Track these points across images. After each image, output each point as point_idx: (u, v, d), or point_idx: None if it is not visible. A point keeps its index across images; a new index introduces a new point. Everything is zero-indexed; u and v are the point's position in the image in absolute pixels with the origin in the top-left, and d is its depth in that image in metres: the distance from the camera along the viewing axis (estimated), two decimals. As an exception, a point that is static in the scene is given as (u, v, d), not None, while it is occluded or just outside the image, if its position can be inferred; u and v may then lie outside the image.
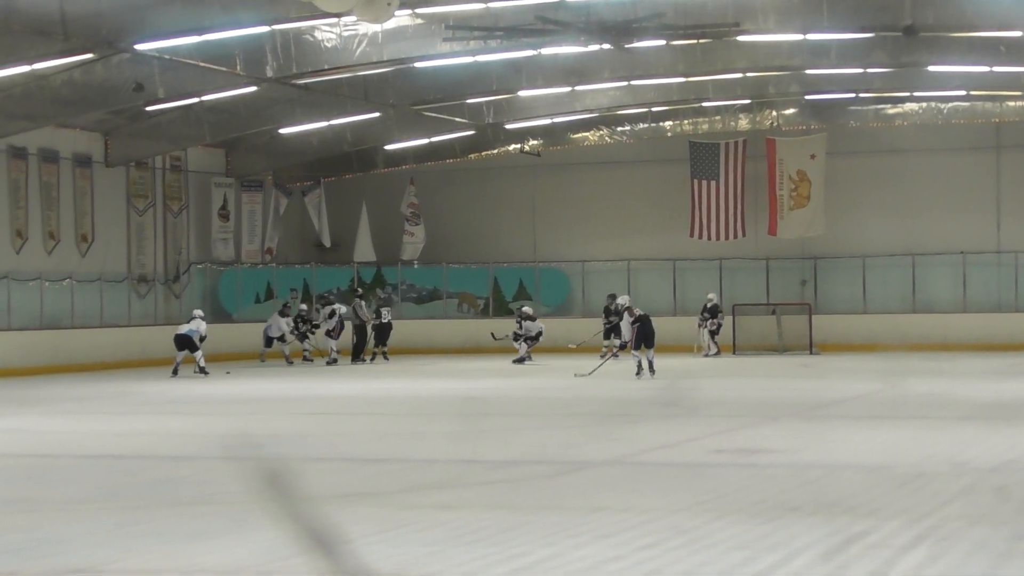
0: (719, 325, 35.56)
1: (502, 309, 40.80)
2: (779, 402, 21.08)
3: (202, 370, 29.07)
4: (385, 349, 35.23)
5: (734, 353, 35.64)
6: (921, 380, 25.33)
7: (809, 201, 39.31)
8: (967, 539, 8.79)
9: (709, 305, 35.91)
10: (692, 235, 39.66)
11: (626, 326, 26.54)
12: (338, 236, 42.04)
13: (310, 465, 13.23)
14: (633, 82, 34.43)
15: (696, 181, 39.63)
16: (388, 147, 40.60)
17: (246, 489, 11.82)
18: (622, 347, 26.73)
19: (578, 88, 34.91)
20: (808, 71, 33.81)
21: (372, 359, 34.66)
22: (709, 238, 39.56)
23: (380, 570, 7.96)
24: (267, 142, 38.98)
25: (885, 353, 34.04)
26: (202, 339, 29.28)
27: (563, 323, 38.80)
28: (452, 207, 42.70)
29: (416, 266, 42.04)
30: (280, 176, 41.17)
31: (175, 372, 28.83)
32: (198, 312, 30.21)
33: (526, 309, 34.28)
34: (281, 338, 33.95)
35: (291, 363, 33.52)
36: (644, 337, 26.23)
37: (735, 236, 39.42)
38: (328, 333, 34.12)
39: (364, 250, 41.83)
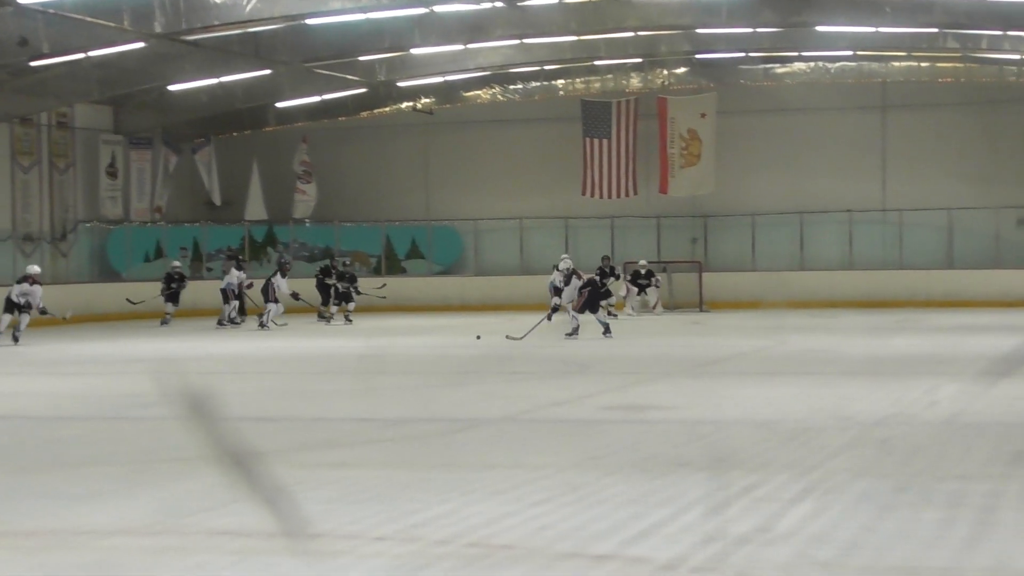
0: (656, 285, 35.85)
1: (395, 268, 40.74)
2: (669, 359, 21.29)
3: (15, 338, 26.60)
4: (350, 311, 33.97)
5: (629, 311, 35.83)
6: (808, 336, 25.69)
7: (700, 159, 39.64)
8: (852, 491, 8.96)
9: (643, 272, 35.96)
10: (584, 193, 39.84)
11: (572, 290, 26.39)
12: (229, 194, 41.67)
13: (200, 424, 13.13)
14: (526, 40, 34.41)
15: (588, 140, 39.79)
16: (280, 104, 40.24)
17: (137, 449, 11.76)
18: (555, 309, 26.57)
19: (471, 46, 34.82)
20: (699, 30, 34.00)
21: (340, 319, 33.70)
22: (601, 196, 39.77)
23: (271, 529, 7.96)
24: (156, 99, 38.43)
25: (773, 310, 34.45)
26: (41, 311, 26.88)
27: (456, 281, 38.85)
28: (344, 165, 42.49)
29: (308, 224, 41.82)
30: (170, 133, 40.67)
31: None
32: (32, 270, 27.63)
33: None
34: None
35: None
36: (591, 302, 26.29)
37: (627, 194, 39.67)
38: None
39: (255, 208, 41.53)
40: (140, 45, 30.12)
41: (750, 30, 33.78)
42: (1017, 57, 35.88)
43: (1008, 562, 7.00)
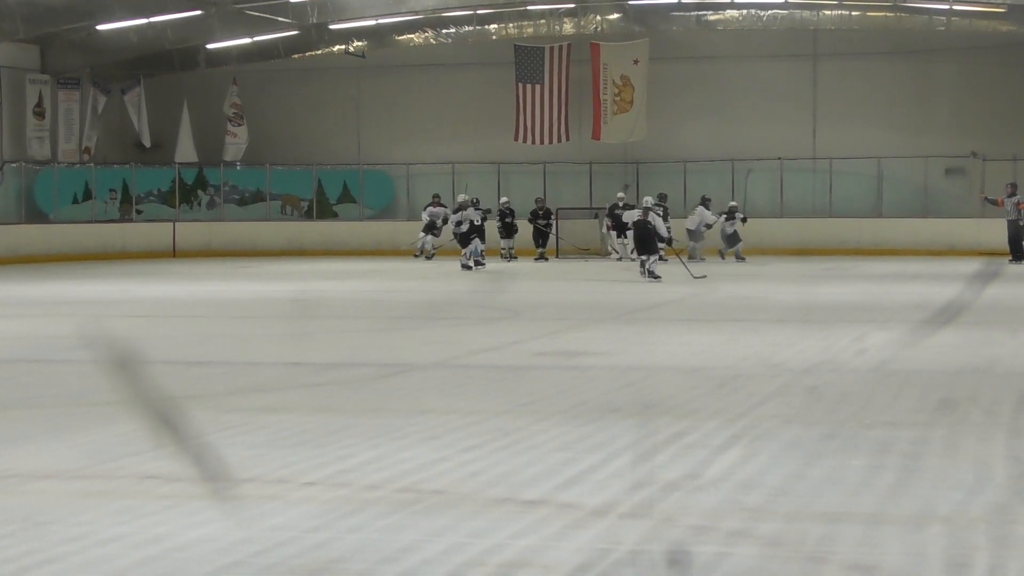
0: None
1: (326, 211, 40.55)
2: (600, 305, 21.34)
3: (478, 263, 30.89)
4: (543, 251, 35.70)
5: (556, 257, 35.84)
6: (737, 284, 25.82)
7: (632, 106, 39.64)
8: (780, 438, 9.04)
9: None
10: (516, 139, 39.76)
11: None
12: (159, 136, 41.28)
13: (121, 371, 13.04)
14: (459, -16, 34.29)
15: (521, 85, 39.68)
16: (210, 46, 39.87)
17: (64, 392, 11.66)
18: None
19: (403, -11, 34.64)
20: (632, -24, 33.99)
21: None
22: (533, 142, 39.72)
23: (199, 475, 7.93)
24: (84, 38, 37.91)
25: (704, 257, 34.50)
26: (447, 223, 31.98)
27: (388, 226, 38.72)
28: (276, 108, 42.17)
29: (239, 167, 41.52)
30: (99, 74, 40.15)
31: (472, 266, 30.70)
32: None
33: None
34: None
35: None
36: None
37: (559, 140, 39.65)
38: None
39: (185, 151, 41.18)
40: (67, -17, 29.74)
41: (683, -23, 33.79)
42: (946, 7, 36.08)
43: (933, 508, 7.09)
